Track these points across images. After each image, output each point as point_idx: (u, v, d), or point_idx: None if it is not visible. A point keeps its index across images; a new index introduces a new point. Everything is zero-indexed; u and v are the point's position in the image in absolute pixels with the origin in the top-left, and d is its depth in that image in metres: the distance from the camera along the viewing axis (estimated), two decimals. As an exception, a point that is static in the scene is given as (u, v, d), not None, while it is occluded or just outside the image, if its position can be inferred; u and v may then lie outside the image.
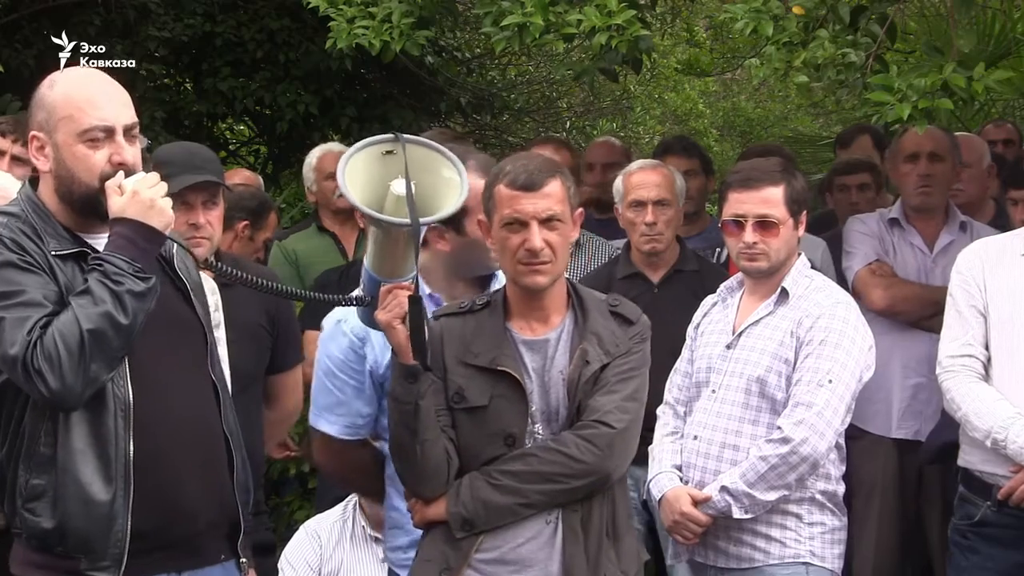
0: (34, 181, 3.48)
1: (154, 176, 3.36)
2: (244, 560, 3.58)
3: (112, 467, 3.30)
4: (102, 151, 3.33)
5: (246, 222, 5.90)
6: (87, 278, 3.26)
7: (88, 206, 3.36)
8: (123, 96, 3.42)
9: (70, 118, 3.33)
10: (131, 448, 3.32)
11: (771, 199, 4.40)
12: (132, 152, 3.37)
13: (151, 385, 3.37)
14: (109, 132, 3.34)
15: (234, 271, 3.55)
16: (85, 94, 3.36)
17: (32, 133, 3.40)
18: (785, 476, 4.26)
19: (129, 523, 3.31)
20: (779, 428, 4.27)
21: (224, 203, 4.63)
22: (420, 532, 3.67)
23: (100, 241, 3.36)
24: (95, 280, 3.23)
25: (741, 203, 4.43)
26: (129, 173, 3.33)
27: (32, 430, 3.30)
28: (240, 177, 7.15)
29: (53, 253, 3.31)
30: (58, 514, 3.29)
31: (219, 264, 3.52)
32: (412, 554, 3.87)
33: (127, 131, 3.37)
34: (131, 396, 3.33)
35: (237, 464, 3.55)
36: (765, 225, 4.40)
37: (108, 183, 3.31)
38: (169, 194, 3.37)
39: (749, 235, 4.40)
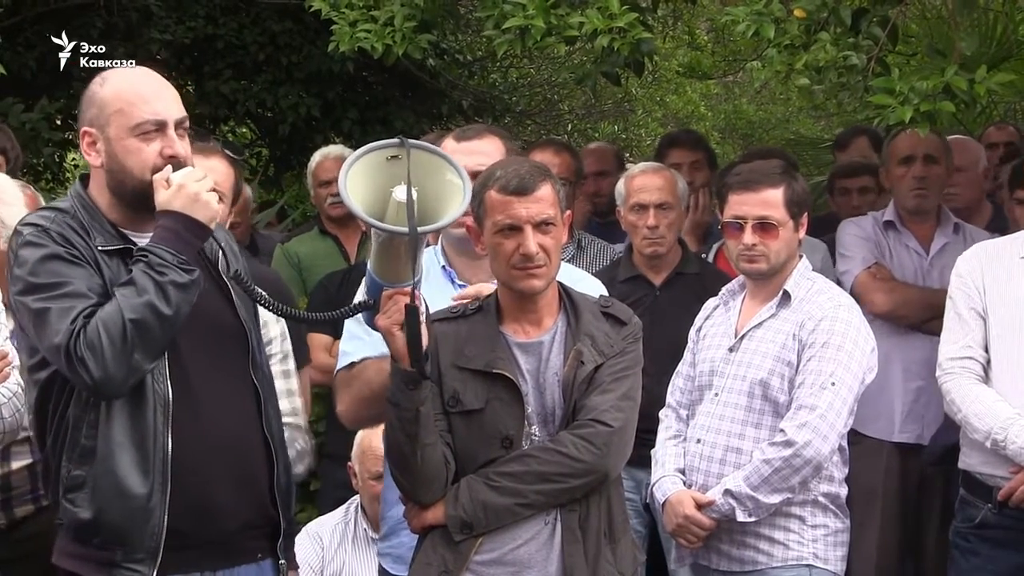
0: (85, 178, 3.51)
1: (200, 170, 3.38)
2: (283, 562, 3.58)
3: (150, 460, 3.31)
4: (154, 145, 3.37)
5: None
6: (131, 269, 3.28)
7: (140, 200, 3.38)
8: (172, 92, 3.46)
9: (121, 112, 3.37)
10: (170, 444, 3.33)
11: (771, 201, 4.40)
12: (182, 146, 3.41)
13: (188, 384, 3.39)
14: (161, 126, 3.38)
15: (250, 286, 3.54)
16: (136, 89, 3.41)
17: (84, 129, 3.43)
18: (789, 479, 4.26)
19: (166, 518, 3.32)
20: (782, 431, 4.27)
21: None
22: (400, 518, 3.68)
23: (145, 239, 3.38)
24: (139, 271, 3.25)
25: (741, 205, 4.44)
26: (178, 167, 3.36)
27: (76, 421, 3.33)
28: None
29: (99, 248, 3.34)
30: (95, 505, 3.31)
31: (237, 274, 3.52)
32: (392, 542, 3.91)
33: (178, 125, 3.41)
34: (170, 393, 3.35)
35: (279, 468, 3.55)
36: (765, 227, 4.40)
37: (156, 176, 3.34)
38: None
39: (748, 237, 4.41)
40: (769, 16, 4.88)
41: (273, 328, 4.32)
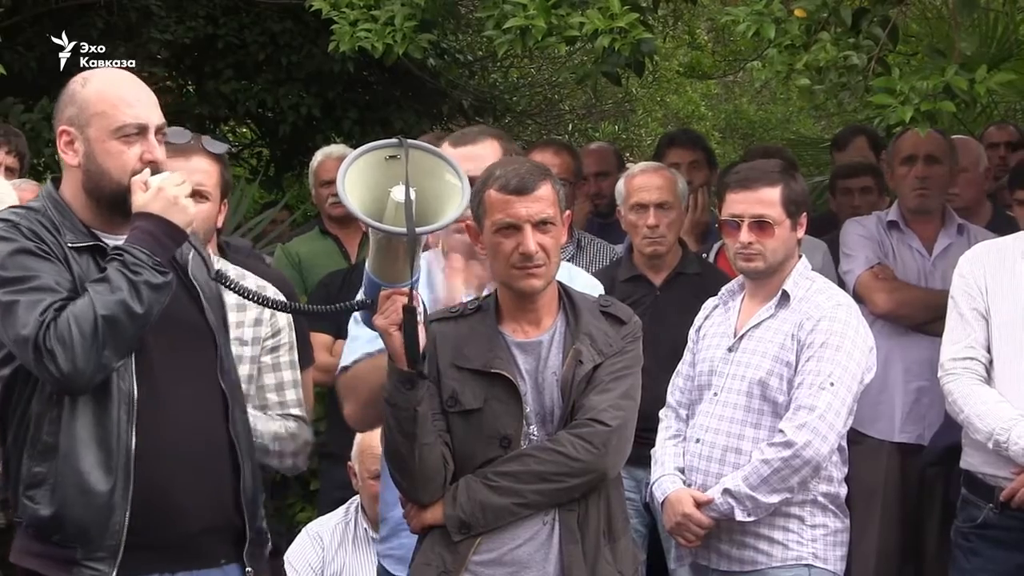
0: (56, 180, 3.50)
1: (179, 175, 3.40)
2: (250, 569, 3.57)
3: (113, 459, 3.31)
4: (134, 148, 3.38)
5: None
6: (102, 267, 3.28)
7: (115, 202, 3.39)
8: (153, 97, 3.47)
9: (103, 115, 3.37)
10: (133, 442, 3.33)
11: (767, 199, 4.40)
12: (161, 151, 3.42)
13: (154, 385, 3.38)
14: (142, 130, 3.39)
15: (235, 283, 3.57)
16: (119, 92, 3.41)
17: (61, 128, 3.42)
18: (788, 479, 4.26)
19: (128, 517, 3.32)
20: (781, 431, 4.27)
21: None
22: (400, 519, 3.68)
23: (116, 241, 3.38)
24: (114, 269, 3.25)
25: (738, 203, 4.44)
26: (156, 171, 3.38)
27: (38, 418, 3.32)
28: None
29: (69, 245, 3.34)
30: (56, 502, 3.29)
31: (220, 273, 3.54)
32: (393, 543, 3.90)
33: (157, 131, 3.42)
34: (135, 392, 3.35)
35: (245, 472, 3.54)
36: (761, 225, 4.40)
37: (134, 179, 3.35)
38: None
39: (744, 235, 4.41)
40: (769, 16, 4.88)
41: (281, 317, 4.32)
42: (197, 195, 4.03)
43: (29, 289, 3.23)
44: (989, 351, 4.58)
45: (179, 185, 3.36)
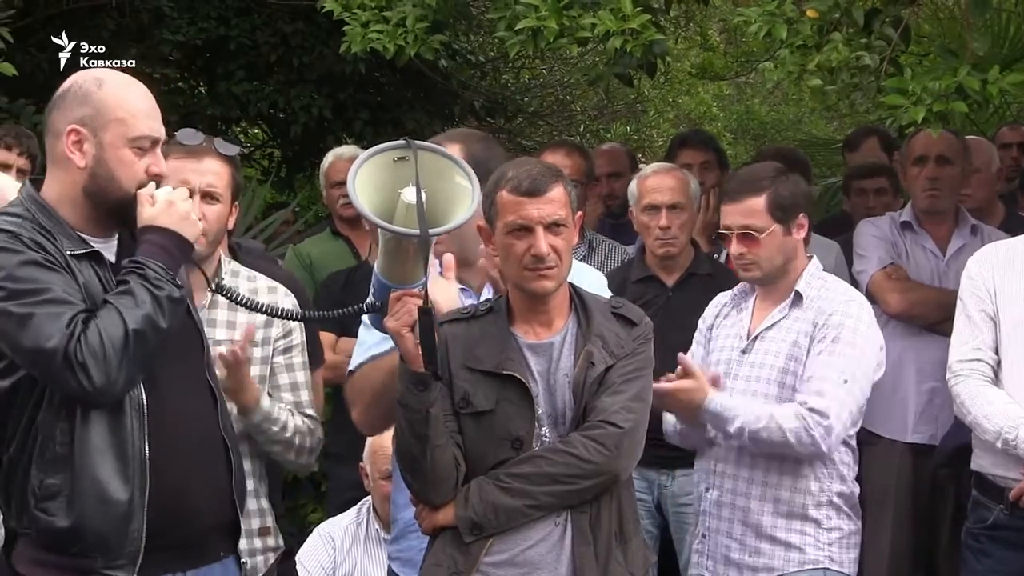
0: (36, 183, 3.49)
1: (184, 191, 3.43)
2: (245, 560, 3.64)
3: (130, 466, 3.32)
4: (144, 160, 3.39)
5: None
6: (127, 279, 3.28)
7: (117, 210, 3.39)
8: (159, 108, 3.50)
9: (123, 122, 3.37)
10: (146, 448, 3.34)
11: (752, 210, 4.39)
12: (165, 166, 3.45)
13: (158, 389, 3.40)
14: (155, 143, 3.41)
15: (239, 294, 3.59)
16: (139, 102, 3.42)
17: (71, 127, 3.38)
18: (780, 453, 4.25)
19: (145, 522, 3.33)
20: (805, 420, 4.20)
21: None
22: (410, 521, 3.69)
23: (102, 245, 3.40)
24: (136, 283, 3.27)
25: (727, 215, 4.46)
26: (158, 186, 3.40)
27: (47, 429, 3.30)
28: None
29: (69, 253, 3.33)
30: (74, 513, 3.29)
31: (220, 283, 3.56)
32: (401, 545, 3.91)
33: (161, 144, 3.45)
34: (144, 398, 3.36)
35: (235, 466, 3.59)
36: (748, 236, 4.40)
37: (141, 192, 3.36)
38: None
39: (735, 247, 4.42)
40: (781, 17, 4.88)
41: None
42: (209, 196, 4.06)
43: (44, 301, 3.22)
44: (997, 353, 4.57)
45: (186, 200, 3.39)
